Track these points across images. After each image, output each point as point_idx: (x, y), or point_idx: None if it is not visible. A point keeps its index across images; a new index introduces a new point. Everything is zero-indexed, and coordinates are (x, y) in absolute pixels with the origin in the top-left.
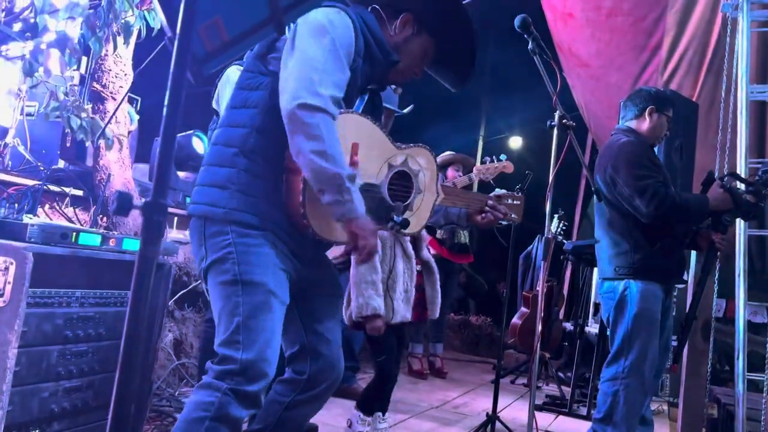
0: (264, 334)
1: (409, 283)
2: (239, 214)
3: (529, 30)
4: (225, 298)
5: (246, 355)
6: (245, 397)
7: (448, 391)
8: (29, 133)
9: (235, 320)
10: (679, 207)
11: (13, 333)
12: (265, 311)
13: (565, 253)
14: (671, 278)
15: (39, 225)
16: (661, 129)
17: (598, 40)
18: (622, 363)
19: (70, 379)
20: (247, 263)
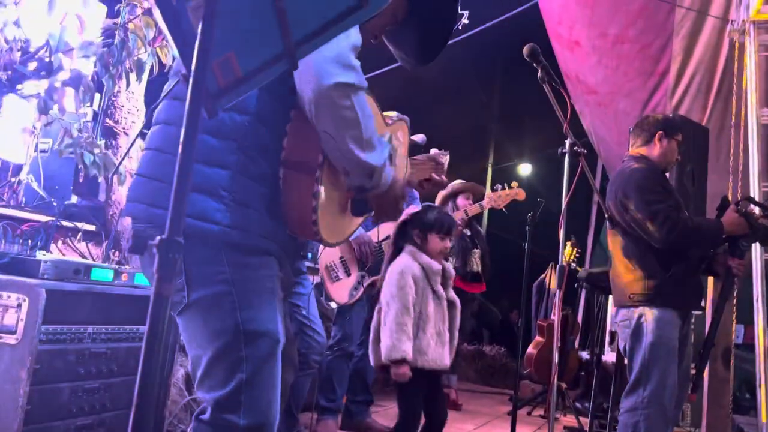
0: (269, 393)
1: (442, 326)
2: (241, 235)
3: (538, 59)
4: (223, 349)
5: (249, 421)
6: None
7: (464, 423)
8: (43, 170)
9: (236, 377)
10: (692, 231)
11: (26, 371)
12: (271, 364)
13: (579, 281)
14: (688, 305)
15: (52, 261)
16: (672, 154)
17: (605, 66)
18: (641, 393)
19: (82, 416)
20: (250, 306)
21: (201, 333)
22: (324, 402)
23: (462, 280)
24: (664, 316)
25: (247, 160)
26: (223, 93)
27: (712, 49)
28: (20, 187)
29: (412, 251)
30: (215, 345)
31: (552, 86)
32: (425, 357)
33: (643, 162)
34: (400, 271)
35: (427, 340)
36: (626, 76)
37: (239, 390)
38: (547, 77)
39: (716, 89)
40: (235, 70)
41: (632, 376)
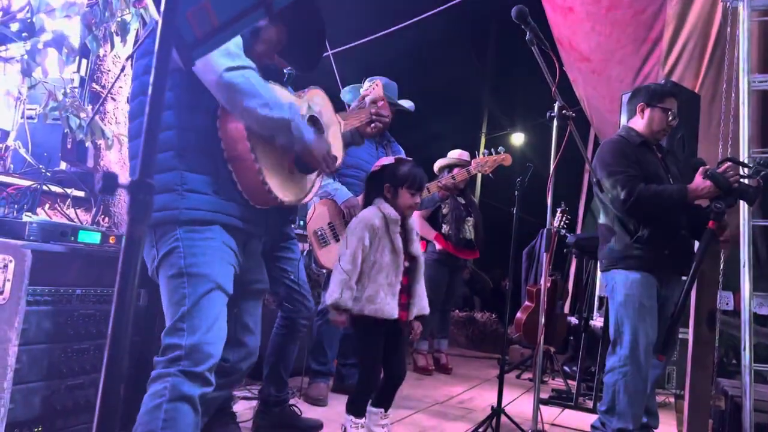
0: (207, 321)
1: (394, 277)
2: (191, 213)
3: (527, 21)
4: (171, 290)
5: (190, 340)
6: (195, 376)
7: (453, 386)
8: (30, 136)
9: (180, 310)
10: (651, 197)
11: (14, 330)
12: (209, 301)
13: (569, 247)
14: (660, 268)
15: (38, 223)
16: (656, 123)
17: (599, 33)
18: (619, 353)
19: (72, 377)
20: (193, 255)
21: (163, 285)
22: (315, 365)
23: (455, 247)
24: (632, 277)
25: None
26: (199, 43)
27: (705, 15)
28: (7, 154)
29: (378, 202)
30: (169, 289)
31: (541, 49)
32: (373, 305)
33: (623, 132)
34: (359, 222)
35: (376, 288)
36: (619, 43)
37: (182, 319)
38: (536, 40)
39: (709, 56)
40: (212, 19)
41: (611, 338)
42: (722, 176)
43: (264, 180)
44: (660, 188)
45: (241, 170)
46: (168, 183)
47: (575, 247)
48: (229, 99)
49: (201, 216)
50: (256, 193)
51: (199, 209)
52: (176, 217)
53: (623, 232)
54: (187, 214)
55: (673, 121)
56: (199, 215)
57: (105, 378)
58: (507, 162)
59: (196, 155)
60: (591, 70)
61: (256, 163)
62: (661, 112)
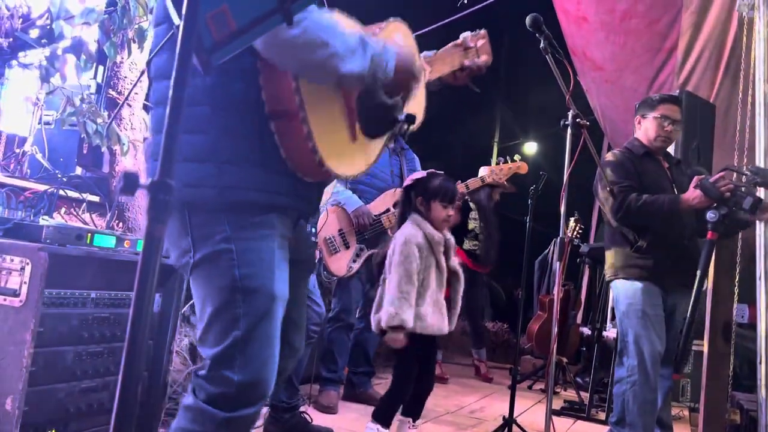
0: (265, 351)
1: (439, 295)
2: (237, 194)
3: (541, 29)
4: (220, 305)
5: (243, 377)
6: (242, 421)
7: (465, 396)
8: (47, 142)
9: (233, 334)
10: (641, 206)
11: (30, 333)
12: (267, 322)
13: (582, 256)
14: (663, 277)
15: (54, 226)
16: (652, 131)
17: (613, 43)
18: (626, 363)
19: (86, 379)
20: (248, 264)
21: (204, 290)
22: (325, 373)
23: (474, 262)
24: (632, 286)
25: (227, 121)
26: (218, 47)
27: (721, 24)
28: (24, 159)
29: (416, 219)
30: (215, 301)
31: (555, 57)
32: (424, 323)
33: (628, 144)
34: (404, 240)
35: (426, 307)
36: (633, 53)
37: (234, 346)
38: (550, 48)
39: (724, 66)
40: (230, 23)
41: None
42: (712, 186)
43: (314, 147)
44: (651, 198)
45: (287, 132)
46: (200, 148)
47: (588, 256)
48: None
49: (252, 199)
50: (305, 164)
51: (246, 188)
52: (217, 201)
53: (623, 242)
54: (230, 195)
55: (669, 126)
56: (250, 197)
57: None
58: (523, 170)
59: (240, 111)
60: (605, 79)
61: (304, 124)
62: (654, 121)
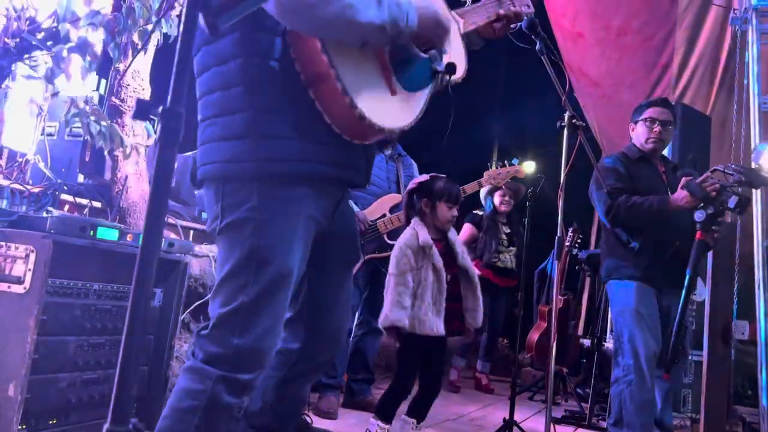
0: (266, 321)
1: (438, 295)
2: (272, 166)
3: (536, 31)
4: (235, 268)
5: (242, 341)
6: (237, 384)
7: (465, 405)
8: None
9: (239, 299)
10: (630, 207)
11: (33, 319)
12: (274, 296)
13: (581, 264)
14: (655, 278)
15: (59, 217)
16: (643, 134)
17: (608, 58)
18: (621, 363)
19: (88, 370)
20: (267, 236)
21: (224, 253)
22: (325, 379)
23: (494, 274)
24: (626, 286)
25: (264, 96)
26: (225, 8)
27: (714, 39)
28: (27, 168)
29: (416, 223)
30: (230, 264)
31: (551, 59)
32: (423, 325)
33: (624, 149)
34: (401, 245)
35: (425, 309)
36: (629, 68)
37: (238, 311)
38: (546, 49)
39: (719, 80)
40: None
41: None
42: (698, 186)
43: (352, 102)
44: (640, 200)
45: (325, 93)
46: (237, 127)
47: (587, 263)
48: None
49: (286, 170)
50: (348, 121)
51: (281, 160)
52: (253, 173)
53: (617, 243)
54: (266, 168)
55: (657, 127)
56: (284, 169)
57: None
58: (520, 174)
59: (272, 87)
60: (601, 95)
61: (339, 81)
62: (643, 124)
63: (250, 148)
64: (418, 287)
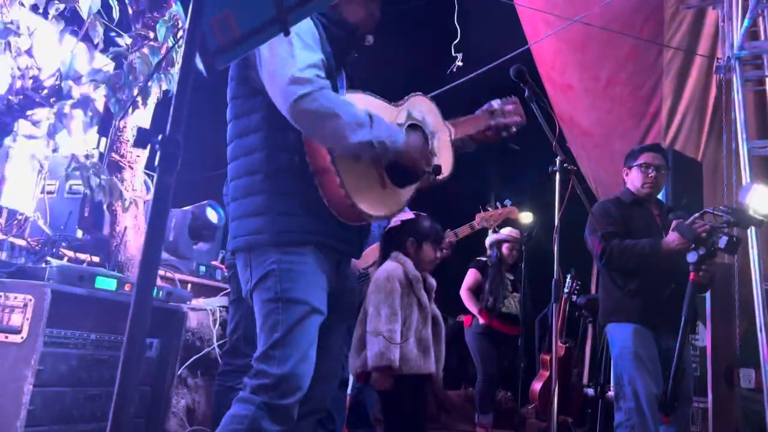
0: (300, 350)
1: (423, 331)
2: (285, 236)
3: (524, 78)
4: (266, 315)
5: (279, 370)
6: (277, 410)
7: None
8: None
9: (273, 336)
10: (622, 250)
11: (30, 369)
12: (303, 327)
13: (580, 308)
14: (653, 320)
15: (57, 267)
16: (636, 180)
17: (599, 108)
18: (623, 407)
19: (83, 422)
20: (290, 280)
21: (258, 308)
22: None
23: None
24: (624, 329)
25: (279, 182)
26: (222, 51)
27: (701, 87)
28: (26, 225)
29: (397, 257)
30: (264, 314)
31: (540, 105)
32: (409, 363)
33: (619, 193)
34: (387, 276)
35: (410, 346)
36: (619, 118)
37: (275, 346)
38: (535, 96)
39: (708, 126)
40: (233, 28)
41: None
42: (688, 228)
43: (347, 194)
44: (633, 243)
45: (326, 184)
46: (258, 206)
47: (586, 308)
48: (305, 128)
49: (296, 238)
50: (342, 208)
51: (291, 231)
52: (269, 241)
53: (614, 286)
54: (279, 237)
55: (652, 173)
56: (294, 237)
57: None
58: (514, 215)
59: (286, 175)
60: (594, 144)
61: (337, 176)
62: (638, 170)
63: (267, 222)
64: (403, 324)
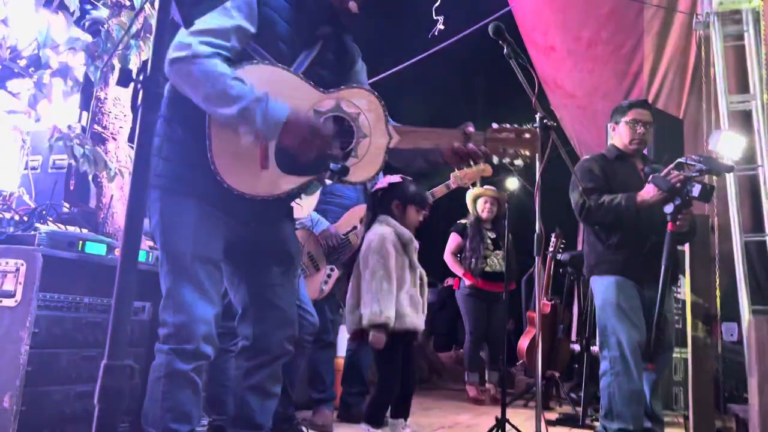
0: (188, 297)
1: (414, 290)
2: (164, 181)
3: (503, 36)
4: (160, 264)
5: (176, 319)
6: (184, 353)
7: (460, 415)
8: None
9: (166, 286)
10: (599, 206)
11: (26, 331)
12: (186, 277)
13: (564, 265)
14: (635, 272)
15: (47, 232)
16: (624, 136)
17: (581, 70)
18: (607, 356)
19: (81, 383)
20: (171, 232)
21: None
22: (315, 394)
23: (483, 281)
24: (606, 281)
25: (170, 128)
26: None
27: (682, 45)
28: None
29: (386, 219)
30: (160, 260)
31: (519, 63)
32: (403, 320)
33: (604, 150)
34: (380, 238)
35: (404, 304)
36: (601, 78)
37: (168, 296)
38: (513, 54)
39: (689, 84)
40: None
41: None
42: (662, 179)
43: (212, 159)
44: (609, 198)
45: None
46: (156, 147)
47: (570, 264)
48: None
49: (173, 186)
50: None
51: (170, 178)
52: (155, 183)
53: (597, 241)
54: (159, 181)
55: (641, 129)
56: (172, 185)
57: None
58: (487, 173)
59: (179, 125)
60: (576, 105)
61: (207, 140)
62: (626, 125)
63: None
64: (396, 284)
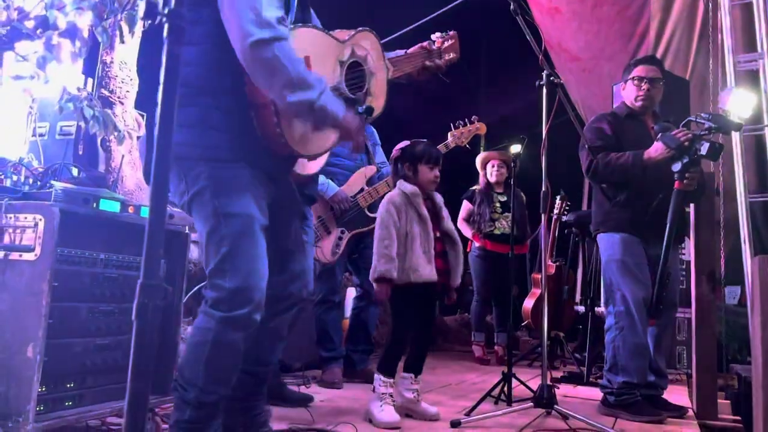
0: (248, 262)
1: (426, 244)
2: (213, 151)
3: None
4: (210, 231)
5: (232, 284)
6: (236, 321)
7: (467, 374)
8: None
9: (221, 251)
10: (607, 163)
11: (46, 283)
12: (248, 239)
13: (569, 226)
14: (641, 229)
15: (63, 189)
16: (632, 92)
17: (586, 32)
18: (612, 311)
19: (100, 336)
20: (225, 195)
21: (198, 221)
22: (324, 353)
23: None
24: (612, 238)
25: (212, 99)
26: None
27: (689, 4)
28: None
29: (399, 184)
30: (206, 228)
31: (525, 20)
32: (417, 272)
33: (614, 108)
34: (384, 202)
35: (416, 257)
36: (607, 40)
37: (224, 260)
38: (520, 10)
39: (696, 45)
40: None
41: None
42: (671, 137)
43: (281, 132)
44: (617, 156)
45: (261, 117)
46: (193, 118)
47: (576, 225)
48: (252, 72)
49: (224, 154)
50: (273, 142)
51: (221, 147)
52: (200, 155)
53: (604, 198)
54: (209, 151)
55: (645, 85)
56: (223, 153)
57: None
58: (482, 131)
59: (224, 94)
60: (582, 68)
61: (274, 116)
62: (631, 83)
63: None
64: (406, 239)
